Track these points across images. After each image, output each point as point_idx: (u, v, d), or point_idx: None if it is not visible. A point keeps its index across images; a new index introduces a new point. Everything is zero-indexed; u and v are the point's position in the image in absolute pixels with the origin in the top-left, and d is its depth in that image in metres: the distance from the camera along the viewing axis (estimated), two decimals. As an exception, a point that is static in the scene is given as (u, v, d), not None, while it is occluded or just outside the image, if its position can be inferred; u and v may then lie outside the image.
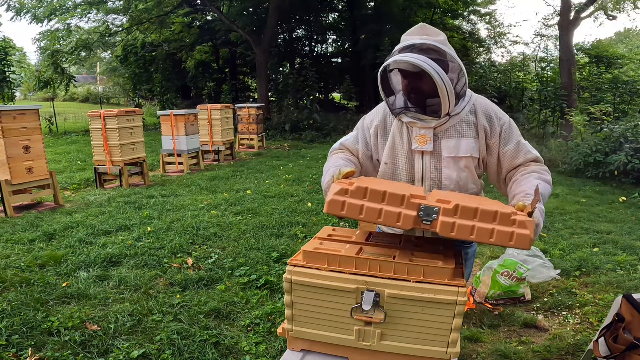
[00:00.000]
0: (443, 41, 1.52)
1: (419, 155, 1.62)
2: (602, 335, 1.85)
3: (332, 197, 1.13)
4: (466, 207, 1.08)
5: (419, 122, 1.59)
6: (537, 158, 1.63)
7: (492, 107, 1.65)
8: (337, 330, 1.23)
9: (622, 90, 10.09)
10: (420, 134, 1.60)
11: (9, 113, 4.86)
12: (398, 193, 1.11)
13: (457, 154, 1.58)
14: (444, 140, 1.60)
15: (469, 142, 1.59)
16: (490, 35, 19.77)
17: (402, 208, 1.11)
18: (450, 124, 1.59)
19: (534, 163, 1.62)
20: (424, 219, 1.11)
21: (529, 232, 1.05)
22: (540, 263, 3.21)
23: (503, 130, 1.61)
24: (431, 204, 1.12)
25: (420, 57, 1.44)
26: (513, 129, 1.63)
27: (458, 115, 1.59)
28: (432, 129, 1.59)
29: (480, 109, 1.62)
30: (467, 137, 1.59)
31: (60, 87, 16.25)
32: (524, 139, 1.66)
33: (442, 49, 1.49)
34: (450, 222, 1.09)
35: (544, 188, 1.50)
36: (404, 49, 1.50)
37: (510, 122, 1.64)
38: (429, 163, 1.61)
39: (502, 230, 1.06)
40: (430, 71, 1.42)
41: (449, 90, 1.47)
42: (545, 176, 1.55)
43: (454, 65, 1.52)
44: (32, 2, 14.58)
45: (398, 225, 1.11)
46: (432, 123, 1.57)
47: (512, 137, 1.62)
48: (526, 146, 1.63)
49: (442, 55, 1.49)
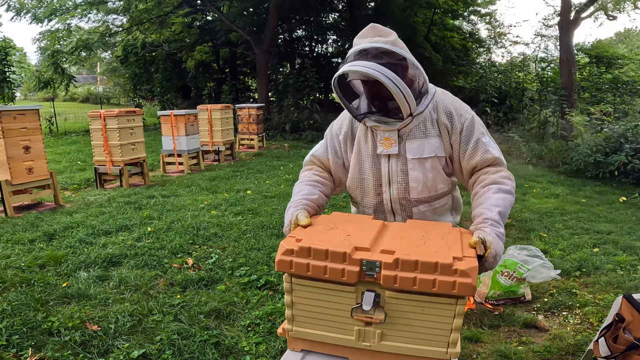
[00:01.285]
0: (393, 41, 1.47)
1: (385, 158, 1.60)
2: (602, 335, 1.85)
3: (280, 258, 1.20)
4: (406, 260, 1.13)
5: (382, 125, 1.56)
6: (496, 159, 1.56)
7: (453, 104, 1.60)
8: (337, 330, 1.23)
9: (622, 90, 10.10)
10: (384, 137, 1.58)
11: (9, 113, 4.86)
12: (339, 251, 1.16)
13: (421, 154, 1.56)
14: (407, 141, 1.57)
15: (433, 142, 1.56)
16: (490, 35, 19.76)
17: (345, 264, 1.16)
18: (413, 124, 1.56)
19: (492, 168, 1.56)
20: (367, 273, 1.16)
21: (471, 280, 1.10)
22: (540, 263, 3.21)
23: (464, 128, 1.56)
24: (373, 257, 1.16)
25: (369, 65, 1.40)
26: (474, 126, 1.57)
27: (421, 114, 1.55)
28: (396, 131, 1.56)
29: (441, 106, 1.58)
30: (431, 137, 1.56)
31: (60, 87, 16.24)
32: (487, 137, 1.59)
33: (392, 50, 1.44)
34: (392, 275, 1.13)
35: (504, 202, 1.44)
36: (356, 56, 1.46)
37: (472, 118, 1.58)
38: (395, 166, 1.59)
39: (443, 280, 1.11)
40: (379, 77, 1.39)
41: (404, 92, 1.43)
42: (504, 186, 1.49)
43: (405, 65, 1.48)
44: (32, 2, 14.57)
45: (343, 279, 1.16)
46: (395, 125, 1.54)
47: (472, 135, 1.56)
48: (485, 145, 1.56)
49: (393, 56, 1.44)
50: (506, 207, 1.45)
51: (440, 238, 1.28)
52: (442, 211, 1.70)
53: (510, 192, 1.50)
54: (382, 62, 1.42)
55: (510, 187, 1.50)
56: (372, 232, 1.32)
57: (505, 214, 1.43)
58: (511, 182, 1.52)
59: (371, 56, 1.43)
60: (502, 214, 1.41)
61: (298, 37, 20.15)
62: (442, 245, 1.22)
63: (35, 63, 27.06)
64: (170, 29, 18.02)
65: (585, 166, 7.65)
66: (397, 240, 1.26)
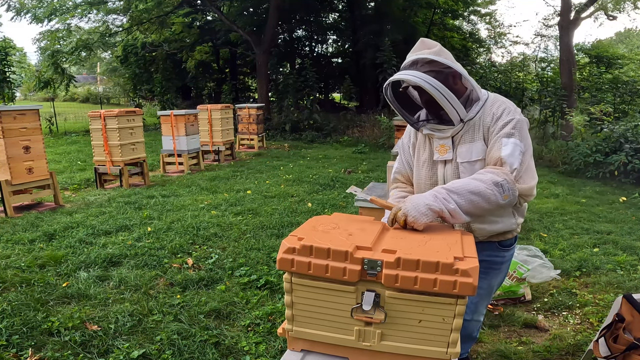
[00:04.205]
0: (437, 51, 1.57)
1: (441, 164, 1.69)
2: (602, 335, 1.85)
3: (282, 256, 1.20)
4: (408, 260, 1.13)
5: (436, 132, 1.65)
6: (500, 159, 1.51)
7: (500, 106, 1.60)
8: (337, 330, 1.23)
9: (622, 90, 10.08)
10: (440, 144, 1.67)
11: (9, 113, 4.86)
12: (341, 249, 1.16)
13: (470, 158, 1.61)
14: (458, 146, 1.64)
15: (480, 145, 1.60)
16: (490, 35, 19.77)
17: (347, 263, 1.16)
18: (465, 130, 1.62)
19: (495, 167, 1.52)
20: (369, 272, 1.17)
21: (472, 280, 1.10)
22: (540, 263, 3.22)
23: (498, 127, 1.57)
24: (375, 256, 1.17)
25: (413, 73, 1.53)
26: (508, 127, 1.54)
27: (471, 120, 1.61)
28: (450, 138, 1.64)
29: (488, 110, 1.62)
30: (477, 140, 1.61)
31: (60, 87, 16.25)
32: (513, 139, 1.53)
33: (437, 60, 1.54)
34: (394, 274, 1.14)
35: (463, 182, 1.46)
36: (406, 68, 1.59)
37: (514, 121, 1.55)
38: (450, 171, 1.66)
39: (444, 279, 1.11)
40: (422, 84, 1.51)
41: (448, 98, 1.52)
42: (481, 176, 1.47)
43: (451, 73, 1.56)
44: (32, 2, 14.58)
45: (345, 278, 1.16)
46: (447, 132, 1.63)
47: (499, 133, 1.56)
48: (502, 143, 1.53)
49: (439, 65, 1.54)
50: (466, 186, 1.45)
51: (441, 239, 1.29)
52: (502, 212, 1.63)
53: (483, 180, 1.45)
54: (426, 70, 1.53)
55: (489, 182, 1.44)
56: (374, 232, 1.32)
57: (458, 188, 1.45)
58: (495, 177, 1.45)
59: (419, 66, 1.56)
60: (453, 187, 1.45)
61: (298, 37, 20.16)
62: (443, 246, 1.23)
63: (35, 63, 27.10)
64: (170, 29, 18.02)
65: (585, 166, 7.65)
66: (399, 240, 1.27)
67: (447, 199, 1.43)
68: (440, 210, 1.41)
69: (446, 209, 1.41)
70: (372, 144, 11.65)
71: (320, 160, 9.14)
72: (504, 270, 1.81)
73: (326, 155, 9.86)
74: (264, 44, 14.77)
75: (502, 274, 1.82)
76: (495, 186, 1.45)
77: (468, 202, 1.44)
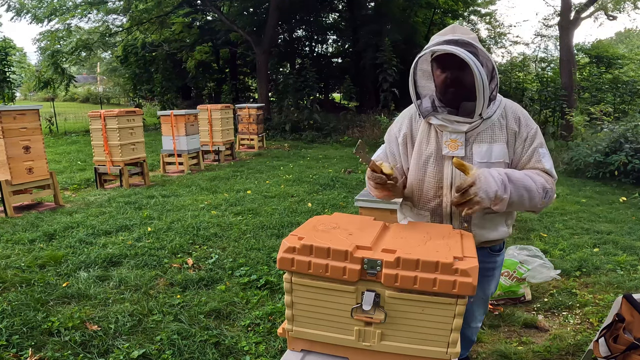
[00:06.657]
0: (475, 39, 1.49)
1: (448, 160, 1.56)
2: (602, 335, 1.85)
3: (282, 255, 1.21)
4: (407, 259, 1.13)
5: (449, 125, 1.53)
6: (547, 170, 1.54)
7: (522, 112, 1.61)
8: (337, 330, 1.24)
9: (622, 90, 10.09)
10: (450, 139, 1.54)
11: (9, 113, 4.86)
12: (341, 249, 1.17)
13: (489, 159, 1.53)
14: (475, 144, 1.54)
15: (501, 147, 1.54)
16: (490, 35, 19.79)
17: (347, 262, 1.17)
18: (482, 128, 1.54)
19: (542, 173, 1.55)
20: (369, 271, 1.17)
21: (471, 279, 1.10)
22: (540, 263, 3.21)
23: (529, 136, 1.56)
24: (375, 256, 1.17)
25: (463, 50, 1.40)
26: (537, 136, 1.58)
27: (490, 119, 1.54)
28: (464, 133, 1.53)
29: (510, 112, 1.58)
30: (499, 142, 1.54)
31: (60, 87, 16.25)
32: (545, 149, 1.58)
33: (478, 47, 1.46)
34: (393, 274, 1.14)
35: (524, 177, 1.45)
36: (441, 43, 1.45)
37: (536, 129, 1.59)
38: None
39: (444, 279, 1.11)
40: (470, 63, 1.39)
41: (485, 86, 1.43)
42: (535, 176, 1.49)
43: (487, 64, 1.48)
44: (32, 2, 14.58)
45: (344, 277, 1.17)
46: (464, 127, 1.52)
47: (533, 143, 1.56)
48: (541, 155, 1.55)
49: (477, 52, 1.45)
50: (522, 180, 1.44)
51: (441, 239, 1.29)
52: (499, 220, 1.64)
53: (539, 183, 1.47)
54: (469, 50, 1.43)
55: (541, 181, 1.48)
56: (374, 232, 1.32)
57: (517, 180, 1.43)
58: (544, 183, 1.49)
59: (462, 44, 1.43)
60: (513, 177, 1.43)
61: (298, 37, 20.16)
62: (443, 246, 1.23)
63: (35, 63, 27.06)
64: (170, 29, 18.01)
65: (585, 166, 7.65)
66: (398, 240, 1.27)
67: (507, 188, 1.40)
68: (500, 199, 1.38)
69: (503, 197, 1.39)
70: (372, 143, 11.66)
71: (320, 160, 9.14)
72: (496, 275, 1.80)
73: (326, 155, 9.86)
74: (264, 44, 14.77)
75: (495, 279, 1.80)
76: (543, 191, 1.47)
77: (518, 196, 1.42)
